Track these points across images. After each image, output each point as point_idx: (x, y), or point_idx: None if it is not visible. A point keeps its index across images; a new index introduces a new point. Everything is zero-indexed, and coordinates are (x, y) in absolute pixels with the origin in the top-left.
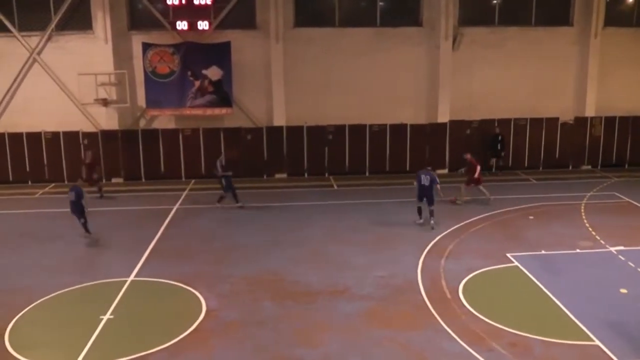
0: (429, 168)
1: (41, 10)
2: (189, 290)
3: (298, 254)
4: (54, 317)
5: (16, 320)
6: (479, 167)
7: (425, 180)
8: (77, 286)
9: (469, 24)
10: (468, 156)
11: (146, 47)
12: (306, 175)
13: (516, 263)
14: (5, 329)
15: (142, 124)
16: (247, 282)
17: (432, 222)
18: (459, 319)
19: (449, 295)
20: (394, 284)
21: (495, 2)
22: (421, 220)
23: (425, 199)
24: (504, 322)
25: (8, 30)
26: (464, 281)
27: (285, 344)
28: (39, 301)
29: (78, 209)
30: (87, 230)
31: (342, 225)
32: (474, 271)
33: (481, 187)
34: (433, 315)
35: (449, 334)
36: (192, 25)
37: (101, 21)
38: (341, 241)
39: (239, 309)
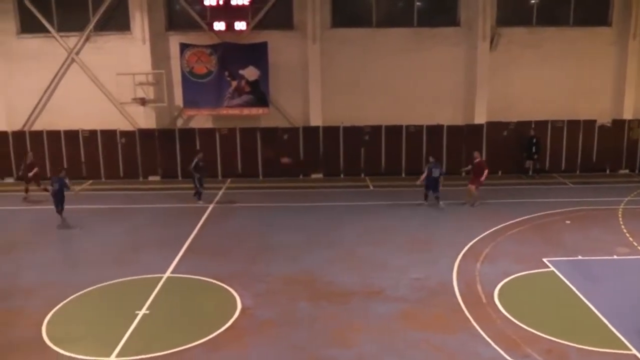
0: (436, 160)
1: (79, 11)
2: (225, 288)
3: (333, 254)
4: (90, 310)
5: (53, 313)
6: (487, 172)
7: (436, 172)
8: (113, 281)
9: (507, 24)
10: (477, 157)
11: (184, 47)
12: (342, 175)
13: (552, 268)
14: (43, 321)
15: (179, 123)
16: (282, 282)
17: (441, 203)
18: (494, 323)
19: (484, 299)
20: (429, 287)
21: (533, 2)
22: (427, 203)
23: (431, 189)
24: (539, 328)
25: (47, 31)
26: (499, 285)
27: (320, 343)
28: (75, 295)
29: (58, 198)
30: (61, 216)
31: (378, 226)
32: (509, 275)
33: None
34: (468, 319)
35: (484, 338)
36: (230, 26)
37: (139, 22)
38: (376, 242)
39: (274, 308)
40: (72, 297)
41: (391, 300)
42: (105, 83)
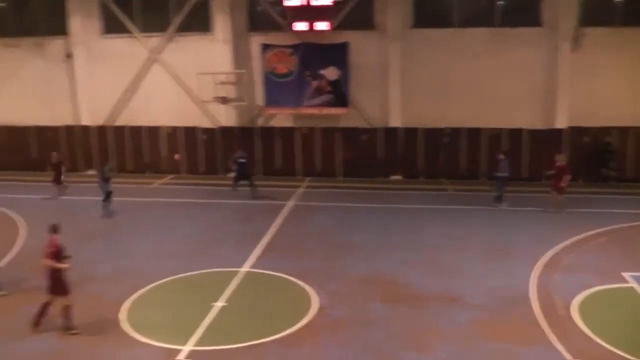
0: (506, 156)
1: (162, 12)
2: (301, 286)
3: (411, 257)
4: (167, 300)
5: (132, 300)
6: (567, 177)
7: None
8: (191, 272)
9: (591, 24)
10: (559, 161)
11: (265, 48)
12: (421, 177)
13: (633, 284)
14: (121, 307)
15: (260, 121)
16: (359, 282)
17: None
18: (571, 338)
19: (561, 312)
20: (506, 296)
21: (618, 0)
22: (504, 205)
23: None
24: (618, 346)
25: (130, 32)
26: (577, 298)
27: (394, 346)
28: (154, 284)
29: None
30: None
31: (456, 231)
32: (588, 288)
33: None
34: (545, 331)
35: (561, 353)
36: (311, 27)
37: (221, 23)
38: (454, 247)
39: (350, 308)
40: (151, 285)
41: (468, 307)
42: (187, 81)
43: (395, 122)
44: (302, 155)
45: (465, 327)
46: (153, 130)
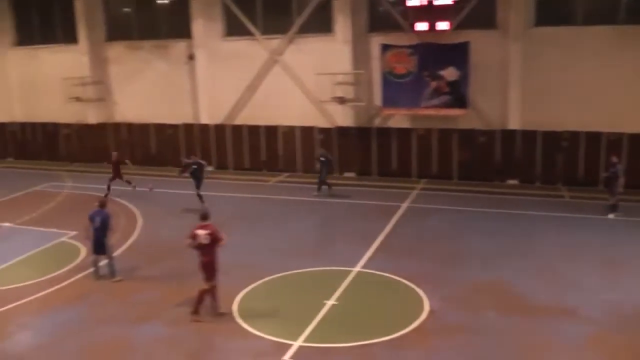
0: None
1: (283, 15)
2: (413, 288)
3: (525, 266)
4: (280, 295)
5: (245, 292)
6: None
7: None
8: (305, 269)
9: None
10: None
11: (385, 48)
12: (537, 182)
13: None
14: (234, 299)
15: (377, 122)
16: (471, 288)
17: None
18: None
19: None
20: (623, 311)
21: None
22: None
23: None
24: None
25: (251, 34)
26: None
27: (505, 357)
28: (268, 278)
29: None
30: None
31: (571, 239)
32: None
33: None
34: None
35: None
36: (432, 26)
37: (342, 24)
38: (570, 257)
39: (461, 314)
40: (265, 279)
41: (583, 322)
42: (305, 82)
43: (514, 124)
44: (417, 156)
45: (579, 342)
46: (271, 130)
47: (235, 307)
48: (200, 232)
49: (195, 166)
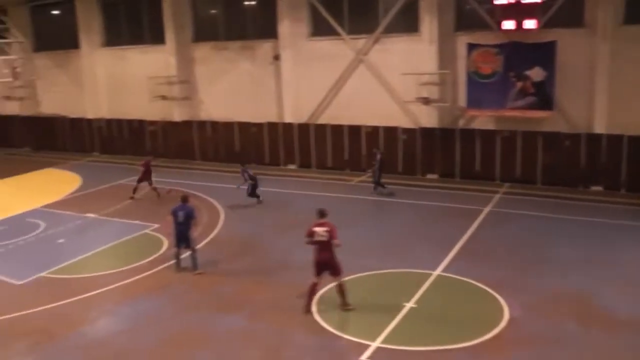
0: None
1: (369, 14)
2: (493, 295)
3: (609, 276)
4: (359, 294)
5: (325, 290)
6: None
7: None
8: (384, 270)
9: None
10: None
11: (471, 47)
12: (622, 190)
13: None
14: (315, 295)
15: (461, 123)
16: (552, 297)
17: None
18: None
19: None
20: None
21: None
22: None
23: None
24: None
25: (337, 34)
26: None
27: None
28: (348, 277)
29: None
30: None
31: None
32: None
33: None
34: None
35: None
36: (519, 25)
37: (428, 23)
38: None
39: (542, 324)
40: (344, 279)
41: None
42: (390, 82)
43: (600, 127)
44: (501, 159)
45: None
46: (354, 129)
47: (314, 305)
48: (319, 229)
49: (252, 182)
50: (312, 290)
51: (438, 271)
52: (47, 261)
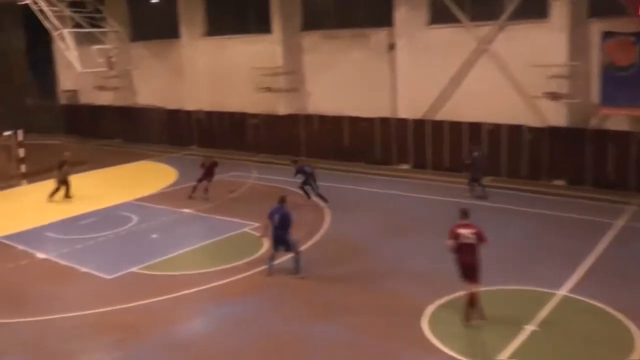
0: None
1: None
2: (624, 323)
3: None
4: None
5: (438, 304)
6: None
7: None
8: (502, 287)
9: None
10: None
11: (606, 35)
12: None
13: None
14: (425, 309)
15: (593, 122)
16: None
17: None
18: None
19: None
20: None
21: None
22: None
23: None
24: None
25: (458, 21)
26: None
27: None
28: (461, 292)
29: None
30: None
31: None
32: None
33: None
34: None
35: None
36: None
37: (559, 8)
38: None
39: None
40: (459, 293)
41: None
42: (514, 74)
43: None
44: (637, 166)
45: None
46: (474, 127)
47: (425, 318)
48: (464, 231)
49: (304, 176)
50: (472, 300)
51: (563, 291)
52: (139, 256)
